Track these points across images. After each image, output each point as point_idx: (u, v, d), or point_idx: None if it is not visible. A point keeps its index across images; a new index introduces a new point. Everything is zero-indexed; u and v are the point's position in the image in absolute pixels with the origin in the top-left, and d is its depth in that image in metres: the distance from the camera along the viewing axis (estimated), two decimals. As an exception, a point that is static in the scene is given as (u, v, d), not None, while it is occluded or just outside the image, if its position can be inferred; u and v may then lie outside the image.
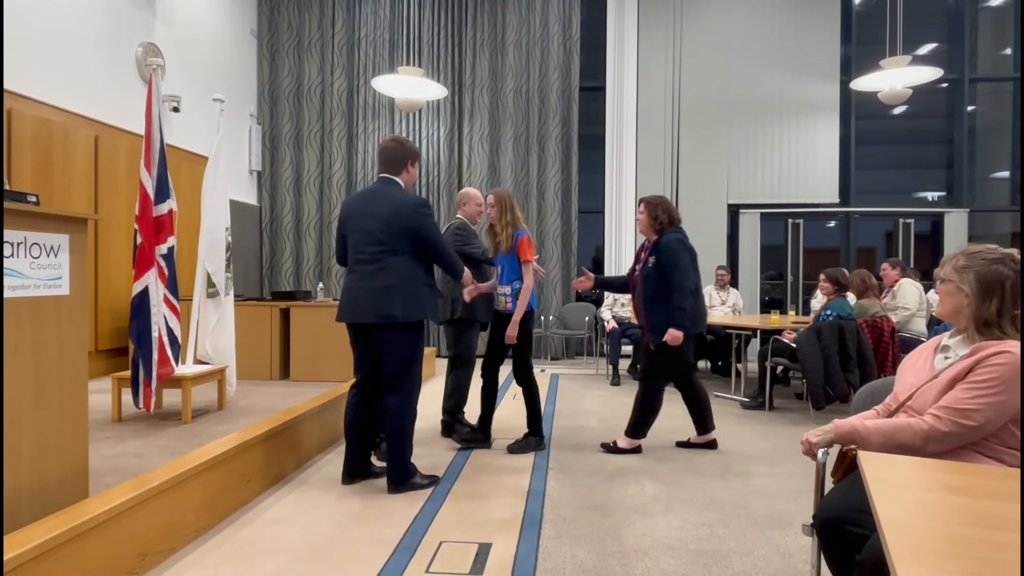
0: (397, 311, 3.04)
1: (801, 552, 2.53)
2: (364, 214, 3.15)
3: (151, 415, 3.84)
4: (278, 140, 8.37)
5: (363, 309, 3.08)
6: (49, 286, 2.22)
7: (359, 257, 3.14)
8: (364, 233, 3.12)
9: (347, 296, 3.16)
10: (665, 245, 3.74)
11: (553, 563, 2.43)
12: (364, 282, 3.10)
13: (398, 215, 3.09)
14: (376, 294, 3.06)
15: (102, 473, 2.70)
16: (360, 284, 3.11)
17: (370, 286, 3.08)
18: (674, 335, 3.68)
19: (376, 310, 3.05)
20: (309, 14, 8.31)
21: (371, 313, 3.06)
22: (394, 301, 3.05)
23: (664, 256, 3.73)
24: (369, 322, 3.08)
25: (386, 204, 3.13)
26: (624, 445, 3.90)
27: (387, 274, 3.07)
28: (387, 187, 3.21)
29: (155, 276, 3.56)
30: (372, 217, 3.12)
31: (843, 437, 1.76)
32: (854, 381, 4.66)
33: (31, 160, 4.80)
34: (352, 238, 3.18)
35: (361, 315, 3.10)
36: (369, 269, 3.10)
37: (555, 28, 8.19)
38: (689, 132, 8.31)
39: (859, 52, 8.36)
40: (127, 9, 5.84)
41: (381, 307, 3.05)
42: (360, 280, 3.12)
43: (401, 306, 3.05)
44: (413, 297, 3.09)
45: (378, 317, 3.05)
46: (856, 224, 8.44)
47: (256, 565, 2.39)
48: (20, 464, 2.12)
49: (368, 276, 3.09)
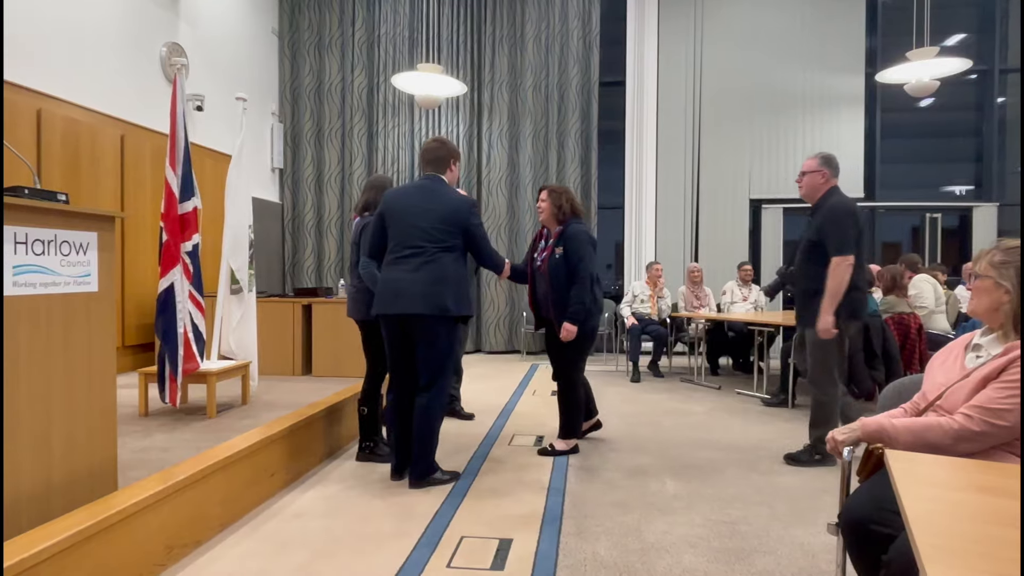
0: (449, 304, 3.07)
1: (826, 551, 2.50)
2: (415, 208, 3.15)
3: (177, 410, 3.91)
4: (299, 138, 8.45)
5: (412, 300, 3.05)
6: (79, 283, 2.26)
7: (404, 252, 3.12)
8: (414, 227, 3.12)
9: (389, 287, 3.12)
10: (572, 235, 3.67)
11: (574, 559, 2.42)
12: (411, 273, 3.08)
13: (456, 213, 3.15)
14: (427, 286, 3.06)
15: (130, 467, 2.75)
16: (407, 275, 3.09)
17: (418, 277, 3.07)
18: (569, 329, 3.62)
19: (427, 301, 3.04)
20: (329, 12, 8.37)
21: (422, 304, 3.05)
22: (446, 294, 3.07)
23: (571, 247, 3.65)
24: (417, 312, 3.06)
25: (442, 201, 3.16)
26: (562, 447, 3.79)
27: (438, 267, 3.08)
28: (438, 184, 3.25)
29: (180, 273, 3.61)
30: (425, 212, 3.13)
31: (870, 435, 1.73)
32: (879, 379, 4.59)
33: (60, 159, 4.89)
34: (398, 231, 3.16)
35: (409, 306, 3.06)
36: (417, 262, 3.09)
37: (574, 23, 8.15)
38: (710, 126, 8.23)
39: (885, 44, 8.20)
40: (151, 10, 5.92)
41: (433, 299, 3.05)
42: (406, 272, 3.09)
43: (453, 300, 3.08)
44: (463, 292, 3.15)
45: (430, 308, 3.05)
46: (881, 219, 8.30)
47: (280, 558, 2.43)
48: (52, 458, 2.17)
49: (415, 267, 3.09)
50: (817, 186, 3.55)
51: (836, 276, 3.33)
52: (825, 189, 3.54)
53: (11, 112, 4.48)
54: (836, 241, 3.36)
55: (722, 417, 4.81)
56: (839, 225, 3.37)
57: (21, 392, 2.05)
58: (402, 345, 3.20)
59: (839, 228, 3.36)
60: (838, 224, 3.37)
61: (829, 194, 3.53)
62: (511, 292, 8.27)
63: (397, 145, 8.39)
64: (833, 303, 3.34)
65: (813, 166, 3.57)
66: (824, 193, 3.54)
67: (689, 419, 4.74)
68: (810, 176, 3.57)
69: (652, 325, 6.59)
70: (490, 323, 8.25)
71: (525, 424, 4.55)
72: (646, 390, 5.89)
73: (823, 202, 3.52)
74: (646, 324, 6.58)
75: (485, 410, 4.93)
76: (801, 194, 3.65)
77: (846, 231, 3.36)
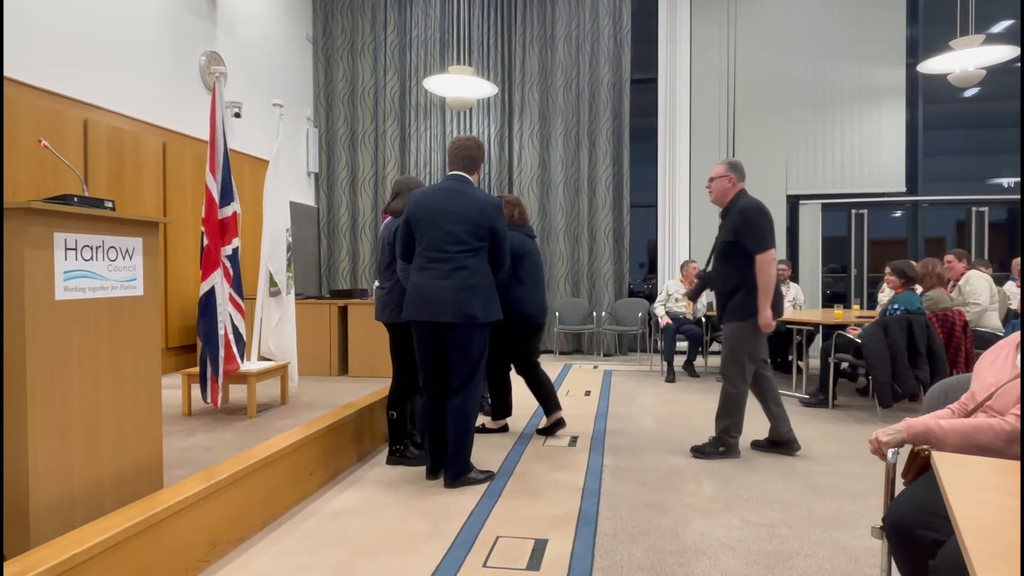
0: (478, 311, 3.05)
1: (869, 555, 2.44)
2: (443, 211, 3.10)
3: (219, 410, 4.01)
4: (334, 142, 8.58)
5: (442, 307, 3.03)
6: (125, 287, 2.33)
7: (435, 255, 3.09)
8: (442, 231, 3.08)
9: (419, 293, 3.09)
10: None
11: (610, 560, 2.41)
12: (440, 280, 3.05)
13: (484, 215, 3.10)
14: (457, 292, 3.03)
15: (174, 465, 2.83)
16: (436, 282, 3.05)
17: (448, 284, 3.04)
18: None
19: (456, 309, 3.02)
20: (362, 18, 8.48)
21: (451, 312, 3.02)
22: (475, 301, 3.05)
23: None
24: (446, 321, 3.05)
25: (469, 203, 3.11)
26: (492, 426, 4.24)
27: (467, 273, 3.06)
28: (464, 185, 3.20)
29: (221, 276, 3.70)
30: (453, 215, 3.09)
31: (916, 437, 1.68)
32: (924, 378, 4.46)
33: (106, 167, 5.06)
34: (427, 235, 3.11)
35: (439, 314, 3.04)
36: (446, 268, 3.06)
37: (605, 21, 8.11)
38: (745, 122, 8.09)
39: (927, 33, 7.96)
40: (190, 20, 6.08)
41: (462, 306, 3.03)
42: (435, 278, 3.06)
43: (481, 306, 3.06)
44: (491, 298, 3.13)
45: (459, 316, 3.02)
46: (925, 213, 8.06)
47: (319, 555, 2.47)
48: (102, 456, 2.25)
49: (444, 274, 3.05)
50: (725, 190, 3.73)
51: (764, 272, 3.52)
52: (733, 193, 3.71)
53: (59, 122, 4.65)
54: (755, 239, 3.53)
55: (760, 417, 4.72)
56: (754, 224, 3.54)
57: (73, 393, 2.12)
58: (434, 350, 3.19)
59: (755, 227, 3.54)
60: (753, 223, 3.55)
61: (737, 197, 3.69)
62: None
63: (429, 147, 8.45)
64: (767, 298, 3.52)
65: (720, 172, 3.73)
66: (733, 197, 3.71)
67: (726, 419, 4.66)
68: (718, 181, 3.74)
69: (687, 324, 6.52)
70: (523, 323, 8.24)
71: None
72: (681, 390, 5.83)
73: (732, 205, 3.68)
74: (681, 323, 6.51)
75: (518, 410, 4.94)
76: (711, 199, 3.82)
77: (762, 229, 3.54)
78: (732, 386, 3.68)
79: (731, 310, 3.65)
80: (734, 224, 3.60)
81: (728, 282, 3.67)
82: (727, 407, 3.70)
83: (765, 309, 3.53)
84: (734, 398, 3.68)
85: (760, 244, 3.52)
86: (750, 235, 3.54)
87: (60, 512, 2.08)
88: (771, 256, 3.52)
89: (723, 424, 3.71)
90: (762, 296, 3.54)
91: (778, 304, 3.64)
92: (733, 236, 3.60)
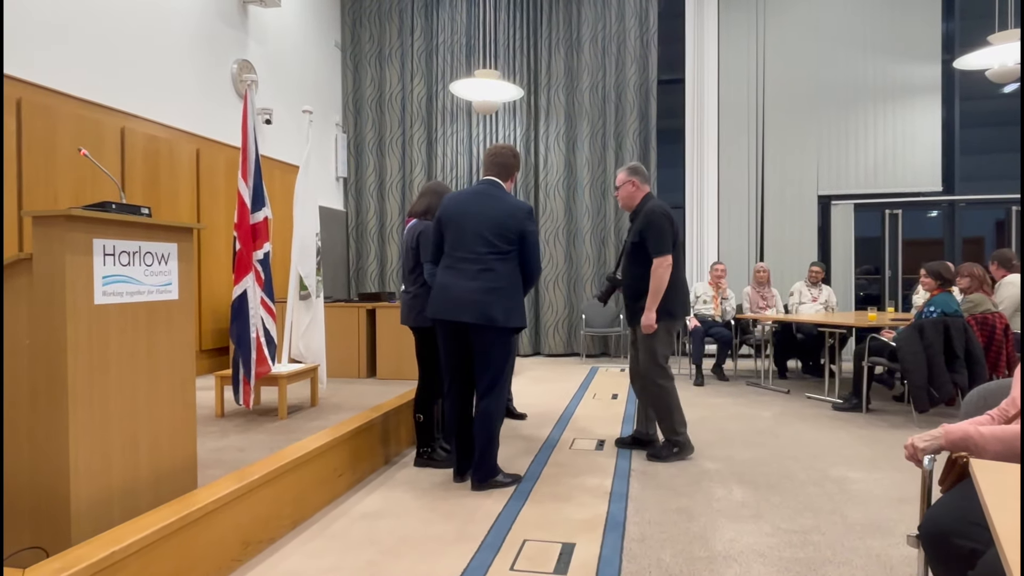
0: (499, 315, 3.05)
1: (905, 564, 2.38)
2: (472, 214, 3.13)
3: (251, 411, 4.08)
4: (362, 147, 8.67)
5: (464, 308, 3.05)
6: (161, 292, 2.39)
7: (462, 255, 3.11)
8: (471, 233, 3.10)
9: (443, 293, 3.11)
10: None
11: (638, 565, 2.40)
12: (466, 281, 3.07)
13: (514, 219, 3.12)
14: (480, 294, 3.04)
15: (208, 465, 2.89)
16: (461, 283, 3.08)
17: (473, 286, 3.05)
18: None
19: (478, 310, 3.03)
20: (389, 24, 8.56)
21: (471, 313, 3.04)
22: (497, 304, 3.05)
23: None
24: (466, 322, 3.06)
25: (500, 207, 3.14)
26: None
27: (493, 276, 3.07)
28: (496, 190, 3.23)
29: (253, 280, 3.77)
30: (483, 217, 3.11)
31: (954, 444, 1.64)
32: (961, 382, 4.35)
33: (142, 174, 5.19)
34: (455, 236, 3.14)
35: (461, 314, 3.06)
36: (473, 269, 3.07)
37: (631, 22, 8.07)
38: (775, 121, 7.98)
39: (963, 28, 7.76)
40: (222, 30, 6.21)
41: (484, 308, 3.03)
42: (461, 278, 3.08)
43: (503, 311, 3.05)
44: (515, 302, 3.12)
45: (479, 318, 3.03)
46: (961, 213, 7.85)
47: (349, 556, 2.50)
48: (138, 456, 2.31)
49: (471, 276, 3.07)
50: (631, 195, 3.81)
51: (656, 276, 3.60)
52: (640, 196, 3.80)
53: (98, 131, 4.79)
54: (654, 243, 3.62)
55: (791, 422, 4.66)
56: (655, 228, 3.62)
57: (111, 394, 2.18)
58: (458, 350, 3.20)
59: (656, 230, 3.61)
60: (654, 227, 3.62)
61: (644, 200, 3.78)
62: (569, 295, 8.25)
63: (456, 151, 8.50)
64: (655, 301, 3.61)
65: (623, 178, 3.82)
66: (640, 200, 3.79)
67: (756, 424, 4.60)
68: (623, 188, 3.83)
69: (716, 327, 6.44)
70: (549, 325, 8.25)
71: (586, 428, 4.52)
72: (710, 394, 5.76)
73: (640, 208, 3.77)
74: (709, 326, 6.44)
75: (545, 414, 4.94)
76: (621, 206, 3.91)
77: (662, 233, 3.60)
78: (656, 386, 3.72)
79: (640, 313, 3.68)
80: (640, 226, 3.68)
81: (635, 283, 3.73)
82: (661, 408, 3.74)
83: (650, 311, 3.62)
84: (664, 398, 3.72)
85: (658, 247, 3.59)
86: (651, 237, 3.62)
87: (99, 510, 2.14)
88: (666, 261, 3.59)
89: (666, 425, 3.75)
90: (650, 298, 3.61)
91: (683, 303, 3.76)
92: (639, 238, 3.68)
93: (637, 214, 3.77)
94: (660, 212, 3.65)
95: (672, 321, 3.72)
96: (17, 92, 4.18)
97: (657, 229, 3.61)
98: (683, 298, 3.78)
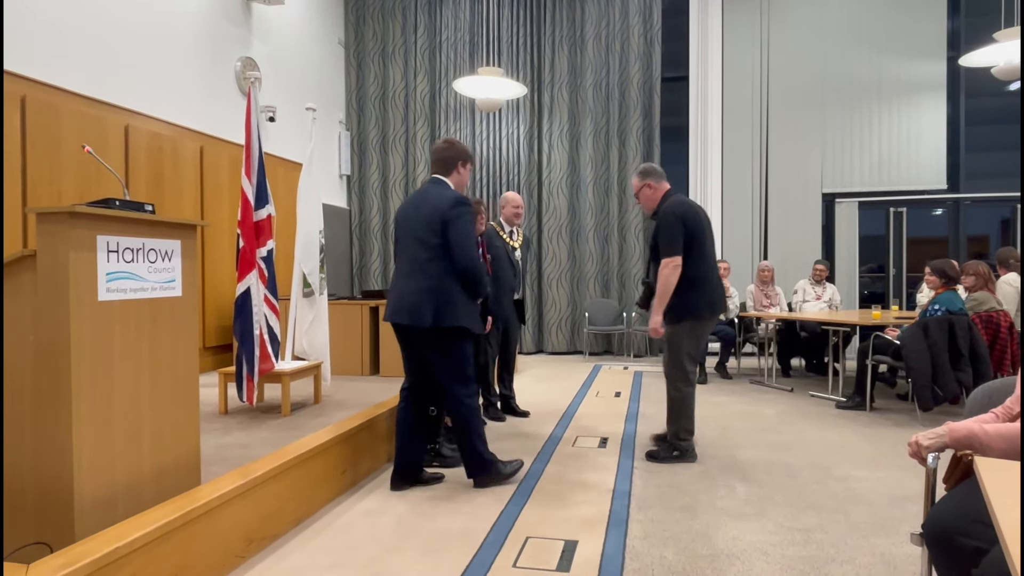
0: (427, 315, 2.99)
1: (908, 562, 2.38)
2: (411, 216, 3.15)
3: (254, 408, 4.08)
4: (365, 145, 8.67)
5: (402, 310, 3.07)
6: (164, 288, 2.40)
7: (404, 256, 3.15)
8: (408, 235, 3.13)
9: (390, 296, 3.18)
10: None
11: (641, 563, 2.40)
12: (403, 282, 3.10)
13: (437, 213, 3.04)
14: (413, 296, 3.04)
15: (211, 462, 2.89)
16: (400, 284, 3.12)
17: (409, 287, 3.07)
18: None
19: (409, 311, 3.04)
20: (393, 21, 8.56)
21: (407, 315, 3.05)
22: (426, 304, 3.00)
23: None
24: (404, 324, 3.07)
25: (430, 203, 3.10)
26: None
27: (425, 275, 3.04)
28: (434, 187, 3.18)
29: (256, 277, 3.77)
30: (415, 219, 3.11)
31: (959, 442, 1.63)
32: (966, 381, 4.33)
33: (145, 172, 5.20)
34: (399, 240, 3.20)
35: (399, 315, 3.08)
36: (408, 270, 3.10)
37: (635, 19, 8.05)
38: (779, 119, 7.95)
39: (968, 25, 7.72)
40: (226, 27, 6.21)
41: (414, 308, 3.02)
42: (400, 280, 3.13)
43: (432, 310, 2.99)
44: (449, 301, 3.01)
45: (412, 319, 3.04)
46: (966, 211, 7.81)
47: (352, 552, 2.50)
48: (142, 452, 2.31)
49: (408, 277, 3.09)
50: (651, 197, 3.72)
51: (661, 277, 3.50)
52: (658, 197, 3.69)
53: (102, 128, 4.79)
54: (664, 243, 3.52)
55: (794, 420, 4.65)
56: (666, 228, 3.53)
57: (115, 391, 2.19)
58: (410, 353, 3.22)
59: (666, 231, 3.52)
60: (665, 227, 3.53)
61: (663, 200, 3.68)
62: (572, 292, 8.24)
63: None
64: (660, 303, 3.50)
65: (637, 184, 3.75)
66: (659, 200, 3.69)
67: (759, 422, 4.60)
68: (640, 193, 3.74)
69: (719, 325, 6.43)
70: (551, 323, 8.24)
71: (588, 426, 4.52)
72: (713, 392, 5.75)
73: (659, 208, 3.67)
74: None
75: (548, 412, 4.94)
76: (644, 211, 3.84)
77: (672, 233, 3.49)
78: (675, 389, 3.64)
79: (666, 313, 3.56)
80: (654, 228, 3.63)
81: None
82: (674, 410, 3.66)
83: (656, 314, 3.51)
84: (679, 401, 3.64)
85: (666, 248, 3.49)
86: (661, 237, 3.54)
87: (103, 506, 2.15)
88: (673, 262, 3.46)
89: (673, 428, 3.67)
90: (656, 300, 3.51)
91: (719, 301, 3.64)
92: (654, 240, 3.62)
93: (656, 215, 3.67)
94: (670, 212, 3.55)
95: (697, 322, 3.58)
96: (21, 89, 4.19)
97: (666, 230, 3.52)
98: (711, 297, 3.60)
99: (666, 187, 3.72)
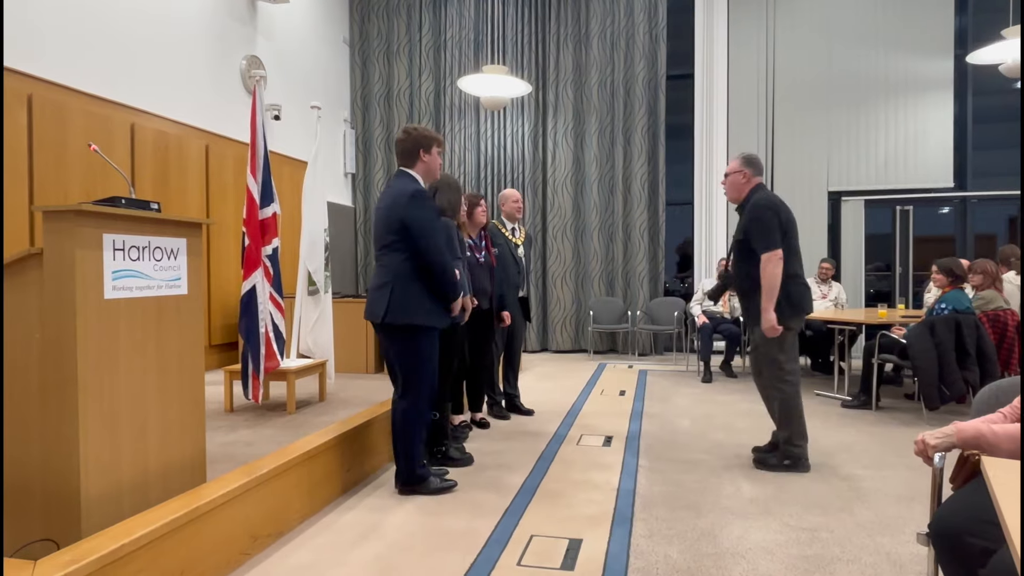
0: (379, 311, 2.94)
1: (915, 562, 2.37)
2: (376, 211, 3.12)
3: (259, 406, 4.09)
4: (370, 143, 8.68)
5: (367, 307, 3.06)
6: (170, 286, 2.40)
7: (375, 254, 3.15)
8: (374, 232, 3.12)
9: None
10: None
11: (646, 561, 2.39)
12: (373, 279, 3.10)
13: (394, 207, 2.95)
14: (371, 292, 3.03)
15: (217, 460, 2.90)
16: (371, 281, 3.11)
17: (372, 284, 3.07)
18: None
19: (369, 307, 3.02)
20: (397, 19, 8.56)
21: (368, 311, 3.04)
22: (380, 300, 2.95)
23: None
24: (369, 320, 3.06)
25: (387, 197, 3.04)
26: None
27: (382, 271, 3.01)
28: (397, 181, 3.08)
29: (261, 276, 3.78)
30: (378, 215, 3.08)
31: (967, 442, 1.63)
32: (973, 380, 4.31)
33: (151, 170, 5.21)
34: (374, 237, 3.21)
35: (366, 312, 3.07)
36: (375, 266, 3.12)
37: (640, 17, 8.02)
38: (785, 117, 7.92)
39: (976, 22, 7.67)
40: (231, 26, 6.22)
41: (370, 305, 3.01)
42: (373, 277, 3.13)
43: (384, 306, 2.93)
44: (402, 299, 2.92)
45: (368, 315, 3.03)
46: (974, 209, 7.77)
47: (357, 550, 2.51)
48: (148, 449, 2.32)
49: (375, 274, 3.10)
50: (739, 186, 3.58)
51: (767, 273, 3.35)
52: (748, 188, 3.56)
53: (108, 126, 4.81)
54: (759, 237, 3.38)
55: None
56: (761, 222, 3.39)
57: (121, 388, 2.20)
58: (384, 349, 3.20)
59: (761, 225, 3.38)
60: (760, 221, 3.39)
61: (752, 192, 3.55)
62: (577, 291, 8.23)
63: (464, 147, 8.49)
64: (770, 299, 3.34)
65: (735, 167, 3.60)
66: (748, 192, 3.56)
67: (764, 420, 4.56)
68: (732, 177, 3.60)
69: (724, 324, 6.42)
70: (556, 322, 8.23)
71: (593, 424, 4.52)
72: (718, 391, 5.74)
73: (747, 201, 3.54)
74: (718, 323, 6.41)
75: (552, 410, 4.93)
76: (727, 197, 3.70)
77: (768, 227, 3.37)
78: (778, 391, 3.47)
79: (756, 313, 3.42)
80: (744, 222, 3.48)
81: (745, 281, 3.51)
82: (783, 414, 3.48)
83: (768, 312, 3.33)
84: (786, 403, 3.45)
85: (764, 243, 3.34)
86: (755, 233, 3.38)
87: (109, 503, 2.16)
88: (775, 256, 3.31)
89: (784, 434, 3.48)
90: (764, 297, 3.35)
91: (805, 301, 3.49)
92: (743, 235, 3.47)
93: (743, 208, 3.54)
94: (764, 205, 3.40)
95: (796, 316, 3.45)
96: (28, 88, 4.21)
97: (761, 224, 3.36)
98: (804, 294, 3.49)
99: (758, 181, 3.58)
